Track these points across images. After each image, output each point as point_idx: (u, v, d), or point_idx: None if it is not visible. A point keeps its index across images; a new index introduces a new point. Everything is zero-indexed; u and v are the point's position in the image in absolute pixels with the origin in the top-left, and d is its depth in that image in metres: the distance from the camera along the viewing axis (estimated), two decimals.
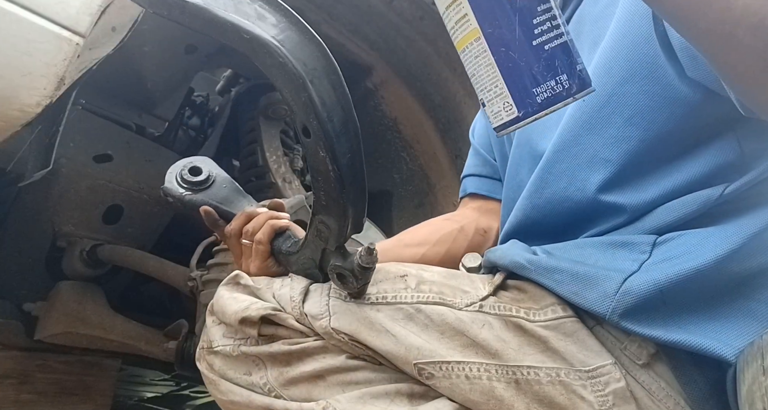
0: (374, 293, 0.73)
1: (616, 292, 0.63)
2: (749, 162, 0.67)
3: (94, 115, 1.25)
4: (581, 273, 0.66)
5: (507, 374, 0.66)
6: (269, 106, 1.32)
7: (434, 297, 0.71)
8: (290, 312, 0.73)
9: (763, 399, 0.49)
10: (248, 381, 0.72)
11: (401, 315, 0.70)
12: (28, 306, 1.24)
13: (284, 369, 0.71)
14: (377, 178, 1.68)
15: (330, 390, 0.69)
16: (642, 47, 0.67)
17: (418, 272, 0.75)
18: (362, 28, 1.34)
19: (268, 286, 0.78)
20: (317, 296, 0.74)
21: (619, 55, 0.69)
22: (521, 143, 0.84)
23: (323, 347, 0.70)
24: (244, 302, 0.74)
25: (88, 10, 0.66)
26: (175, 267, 1.16)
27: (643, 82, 0.67)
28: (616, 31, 0.71)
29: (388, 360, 0.69)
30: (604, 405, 0.62)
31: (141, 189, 1.30)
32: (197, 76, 1.44)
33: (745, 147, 0.67)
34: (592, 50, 0.75)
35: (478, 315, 0.69)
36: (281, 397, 0.71)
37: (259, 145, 1.31)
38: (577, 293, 0.66)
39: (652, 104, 0.67)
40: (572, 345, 0.65)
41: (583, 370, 0.64)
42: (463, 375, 0.66)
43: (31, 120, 0.69)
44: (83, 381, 1.35)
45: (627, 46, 0.69)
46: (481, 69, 0.48)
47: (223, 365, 0.75)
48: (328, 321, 0.71)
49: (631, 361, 0.64)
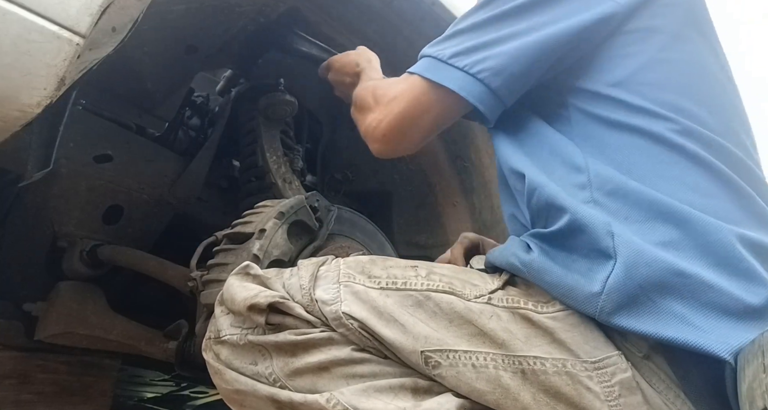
0: (384, 277, 0.74)
1: (601, 292, 0.63)
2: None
3: (94, 115, 1.25)
4: (569, 276, 0.67)
5: (513, 364, 0.66)
6: (269, 106, 1.31)
7: (444, 286, 0.72)
8: (300, 301, 0.73)
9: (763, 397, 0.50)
10: (254, 371, 0.73)
11: (410, 302, 0.71)
12: (28, 306, 1.24)
13: (290, 360, 0.71)
14: (377, 178, 1.68)
15: (335, 382, 0.69)
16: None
17: (428, 265, 0.77)
18: (362, 29, 1.34)
19: (277, 276, 0.79)
20: (328, 283, 0.74)
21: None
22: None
23: (329, 339, 0.71)
24: (254, 290, 0.75)
25: (89, 11, 0.67)
26: (175, 267, 1.16)
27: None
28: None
29: (395, 350, 0.70)
30: (610, 396, 0.63)
31: (141, 189, 1.29)
32: (197, 76, 1.44)
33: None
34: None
35: (486, 307, 0.70)
36: (286, 387, 0.71)
37: (259, 145, 1.31)
38: (566, 295, 0.67)
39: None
40: (579, 336, 0.66)
41: (589, 361, 0.64)
42: (470, 364, 0.67)
43: (32, 120, 0.69)
44: (83, 382, 1.35)
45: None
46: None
47: (229, 354, 0.75)
48: (339, 306, 0.71)
49: (632, 353, 0.65)
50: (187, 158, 1.38)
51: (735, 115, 0.79)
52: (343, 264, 0.78)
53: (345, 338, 0.71)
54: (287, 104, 1.31)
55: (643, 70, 0.74)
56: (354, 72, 1.09)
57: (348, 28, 1.34)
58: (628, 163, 0.71)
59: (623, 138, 0.72)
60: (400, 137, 0.84)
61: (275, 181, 1.27)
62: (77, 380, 1.34)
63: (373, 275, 0.75)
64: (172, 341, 1.15)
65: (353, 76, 1.09)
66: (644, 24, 0.76)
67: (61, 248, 1.26)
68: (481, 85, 0.76)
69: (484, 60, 0.76)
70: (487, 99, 0.77)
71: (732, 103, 0.80)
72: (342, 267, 0.77)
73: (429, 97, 0.80)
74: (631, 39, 0.75)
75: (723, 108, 0.77)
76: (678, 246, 0.65)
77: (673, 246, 0.64)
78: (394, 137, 0.84)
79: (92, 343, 1.26)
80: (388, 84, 0.90)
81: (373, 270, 0.75)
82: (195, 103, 1.50)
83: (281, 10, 1.22)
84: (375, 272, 0.75)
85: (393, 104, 0.83)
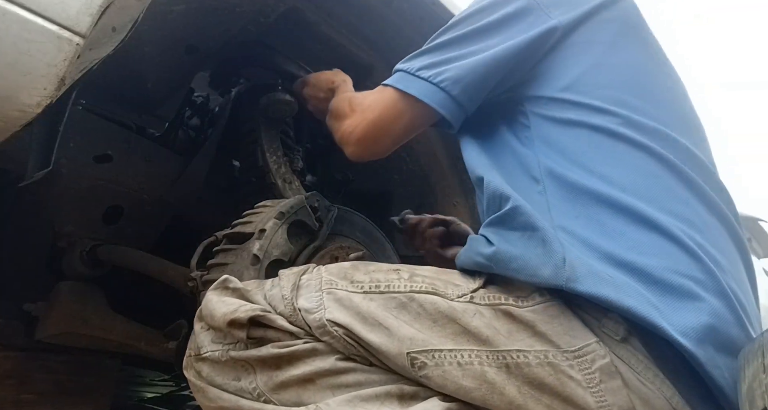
0: (367, 282, 0.75)
1: (563, 264, 0.67)
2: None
3: (94, 115, 1.25)
4: (531, 255, 0.70)
5: (497, 359, 0.68)
6: (269, 106, 1.31)
7: (427, 287, 0.74)
8: (282, 311, 0.73)
9: (763, 397, 0.50)
10: (237, 387, 0.73)
11: (394, 304, 0.72)
12: (28, 306, 1.24)
13: (274, 373, 0.71)
14: (377, 179, 1.68)
15: (320, 394, 0.69)
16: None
17: (410, 267, 0.78)
18: (362, 28, 1.34)
19: (258, 288, 0.79)
20: (310, 291, 0.75)
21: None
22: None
23: (313, 350, 0.71)
24: (233, 305, 0.75)
25: (89, 11, 0.67)
26: (175, 268, 1.16)
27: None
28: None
29: (381, 355, 0.70)
30: (591, 382, 0.65)
31: (141, 189, 1.30)
32: (197, 76, 1.44)
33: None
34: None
35: (469, 306, 0.71)
36: (271, 402, 0.71)
37: (259, 145, 1.31)
38: (533, 274, 0.69)
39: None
40: (558, 327, 0.68)
41: (569, 351, 0.66)
42: (456, 362, 0.68)
43: (32, 120, 0.69)
44: (83, 382, 1.35)
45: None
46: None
47: (211, 371, 0.75)
48: (323, 314, 0.71)
49: (609, 338, 0.67)
50: (187, 158, 1.38)
51: (680, 108, 0.89)
52: (325, 271, 0.79)
53: (329, 347, 0.71)
54: (287, 104, 1.30)
55: (587, 74, 0.85)
56: (329, 88, 1.20)
57: (348, 28, 1.34)
58: (577, 153, 0.80)
59: (573, 132, 0.81)
60: (374, 141, 0.94)
61: (275, 181, 1.27)
62: (77, 380, 1.34)
63: (355, 280, 0.76)
64: (172, 341, 1.15)
65: (327, 91, 1.19)
66: (583, 38, 0.87)
67: (61, 248, 1.26)
68: (443, 93, 0.86)
69: (445, 72, 0.87)
70: (449, 105, 0.87)
71: (675, 96, 0.90)
72: (324, 274, 0.78)
73: (399, 106, 0.90)
74: (573, 51, 0.86)
75: (666, 101, 0.87)
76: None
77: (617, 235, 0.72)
78: (368, 141, 0.94)
79: (92, 343, 1.26)
80: (363, 95, 1.01)
81: (356, 276, 0.77)
82: (195, 103, 1.50)
83: (281, 10, 1.22)
84: (357, 277, 0.77)
85: (368, 111, 0.93)
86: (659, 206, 0.74)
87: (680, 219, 0.73)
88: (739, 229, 0.81)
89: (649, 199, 0.74)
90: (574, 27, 0.87)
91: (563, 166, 0.79)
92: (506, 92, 0.90)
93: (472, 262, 0.77)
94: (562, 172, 0.78)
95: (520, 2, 0.88)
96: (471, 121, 0.92)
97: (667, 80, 0.91)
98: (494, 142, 0.90)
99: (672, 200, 0.75)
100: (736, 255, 0.79)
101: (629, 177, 0.76)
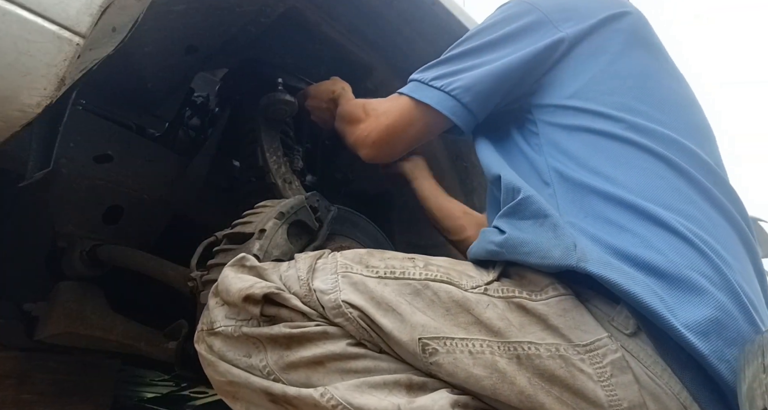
0: (382, 267, 0.76)
1: (574, 248, 0.70)
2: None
3: (94, 115, 1.25)
4: (542, 238, 0.72)
5: (509, 350, 0.68)
6: (269, 106, 1.31)
7: (442, 276, 0.75)
8: (297, 292, 0.74)
9: (763, 397, 0.50)
10: (247, 364, 0.73)
11: (408, 290, 0.73)
12: (28, 306, 1.24)
13: (284, 353, 0.72)
14: (377, 179, 1.68)
15: (329, 377, 0.70)
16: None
17: (425, 257, 0.79)
18: (362, 28, 1.34)
19: (274, 268, 0.80)
20: (326, 274, 0.76)
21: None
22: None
23: (324, 332, 0.71)
24: (249, 281, 0.75)
25: (89, 11, 0.67)
26: (175, 268, 1.16)
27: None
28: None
29: (393, 340, 0.70)
30: (602, 376, 0.65)
31: (141, 189, 1.30)
32: (197, 76, 1.44)
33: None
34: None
35: (483, 297, 0.72)
36: (280, 381, 0.71)
37: (259, 145, 1.31)
38: (544, 256, 0.71)
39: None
40: (570, 321, 0.69)
41: (581, 345, 0.67)
42: (467, 351, 0.69)
43: (32, 120, 0.69)
44: (83, 382, 1.35)
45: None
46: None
47: (222, 346, 0.76)
48: (338, 295, 0.72)
49: (619, 332, 0.68)
50: (187, 158, 1.38)
51: (687, 113, 0.91)
52: (341, 256, 0.80)
53: (341, 331, 0.72)
54: (287, 104, 1.30)
55: (594, 81, 0.88)
56: (330, 98, 1.26)
57: (348, 28, 1.34)
58: (584, 156, 0.82)
59: (580, 137, 0.84)
60: (388, 145, 1.02)
61: (275, 181, 1.27)
62: (77, 380, 1.34)
63: (370, 265, 0.77)
64: (172, 341, 1.15)
65: (329, 101, 1.26)
66: (590, 48, 0.90)
67: (61, 248, 1.26)
68: (454, 100, 0.92)
69: (457, 81, 0.92)
70: (459, 112, 0.92)
71: (682, 102, 0.92)
72: (339, 259, 0.79)
73: (413, 113, 0.97)
74: (580, 59, 0.90)
75: (673, 106, 0.89)
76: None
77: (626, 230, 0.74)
78: (382, 145, 1.02)
79: (92, 343, 1.26)
80: (378, 101, 1.07)
81: (371, 261, 0.78)
82: (195, 103, 1.50)
83: (281, 10, 1.22)
84: (373, 262, 0.78)
85: (383, 117, 1.01)
86: (665, 205, 0.75)
87: (686, 218, 0.75)
88: (748, 230, 0.82)
89: (654, 198, 0.76)
90: (582, 38, 0.90)
91: (571, 169, 0.82)
92: (516, 101, 0.94)
93: (484, 251, 0.78)
94: (570, 174, 0.81)
95: (532, 17, 0.92)
96: (485, 128, 0.97)
97: (675, 86, 0.93)
98: (508, 147, 0.94)
99: (678, 199, 0.77)
100: (745, 255, 0.80)
101: (635, 178, 0.78)
